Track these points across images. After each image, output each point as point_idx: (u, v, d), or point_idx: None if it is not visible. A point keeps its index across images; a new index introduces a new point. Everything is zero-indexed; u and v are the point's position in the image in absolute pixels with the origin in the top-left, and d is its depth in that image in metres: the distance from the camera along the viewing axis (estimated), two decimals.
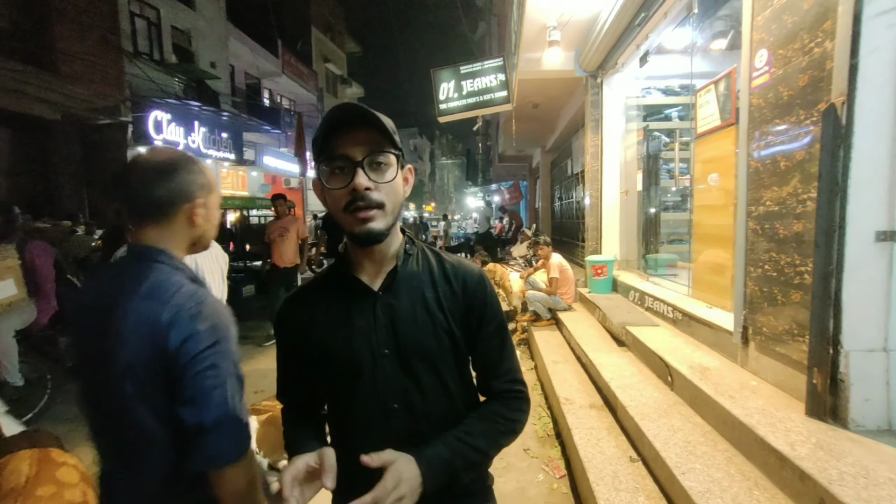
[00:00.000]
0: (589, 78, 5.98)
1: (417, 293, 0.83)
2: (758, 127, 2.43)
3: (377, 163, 0.76)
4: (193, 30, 11.71)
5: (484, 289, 0.87)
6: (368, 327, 0.81)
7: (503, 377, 0.87)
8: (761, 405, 2.10)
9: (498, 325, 0.88)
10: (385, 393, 0.80)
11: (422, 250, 0.89)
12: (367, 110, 0.74)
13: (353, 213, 0.75)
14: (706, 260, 3.61)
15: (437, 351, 0.82)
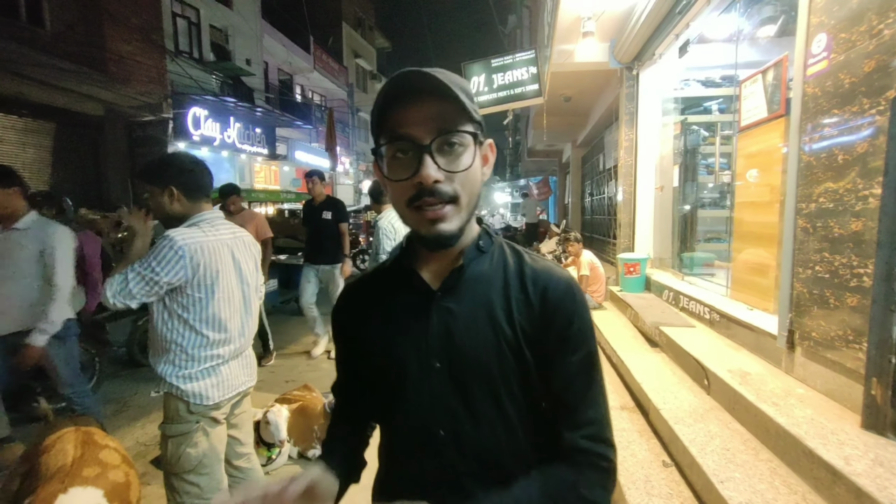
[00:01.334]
0: (624, 70, 5.78)
1: (483, 299, 0.67)
2: (812, 118, 2.27)
3: (450, 145, 0.61)
4: (230, 28, 12.07)
5: (572, 304, 0.67)
6: (420, 333, 0.67)
7: (583, 429, 0.64)
8: (810, 414, 1.98)
9: (586, 355, 0.67)
10: (430, 415, 0.67)
11: (500, 247, 0.73)
12: (437, 77, 0.59)
13: (420, 211, 0.62)
14: (747, 259, 3.44)
15: (498, 372, 0.65)
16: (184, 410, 1.53)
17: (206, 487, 1.60)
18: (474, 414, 0.66)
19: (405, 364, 0.68)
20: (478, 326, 0.66)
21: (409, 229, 0.68)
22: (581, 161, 12.25)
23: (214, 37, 11.64)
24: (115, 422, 3.11)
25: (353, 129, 20.62)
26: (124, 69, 7.99)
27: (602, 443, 0.65)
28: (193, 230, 1.56)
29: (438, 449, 0.66)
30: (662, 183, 5.50)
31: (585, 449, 0.63)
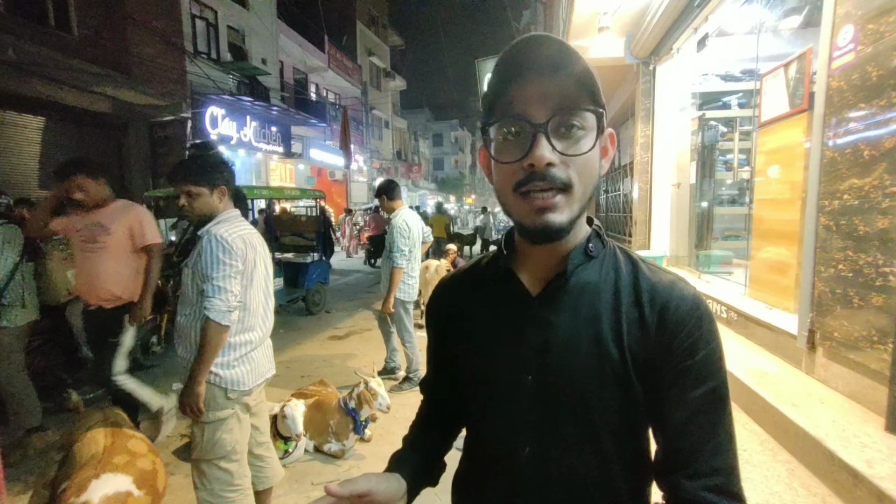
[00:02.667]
0: (640, 65, 5.70)
1: (588, 313, 0.58)
2: (837, 112, 2.21)
3: (569, 126, 0.53)
4: (247, 28, 12.24)
5: (697, 327, 0.55)
6: (514, 342, 0.61)
7: (705, 479, 0.53)
8: (831, 416, 1.94)
9: (712, 390, 0.55)
10: (515, 430, 0.61)
11: (613, 253, 0.63)
12: (557, 44, 0.52)
13: (527, 197, 0.54)
14: (766, 257, 3.37)
15: (596, 400, 0.57)
16: (221, 397, 1.64)
17: (236, 474, 1.70)
18: (564, 439, 0.58)
19: (495, 373, 0.62)
20: (579, 345, 0.57)
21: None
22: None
23: (231, 37, 11.83)
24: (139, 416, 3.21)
25: (367, 127, 20.75)
26: (146, 71, 8.19)
27: (730, 497, 0.53)
28: (231, 225, 1.70)
29: (518, 467, 0.60)
30: (679, 180, 5.41)
31: (710, 500, 0.52)
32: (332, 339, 5.14)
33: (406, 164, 27.88)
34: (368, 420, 2.72)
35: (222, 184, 1.71)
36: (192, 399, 1.58)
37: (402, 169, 26.15)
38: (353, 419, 2.59)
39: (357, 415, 2.60)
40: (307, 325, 5.80)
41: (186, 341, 1.67)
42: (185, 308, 1.67)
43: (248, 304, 1.70)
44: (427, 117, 39.65)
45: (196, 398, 1.57)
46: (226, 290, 1.57)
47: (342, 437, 2.61)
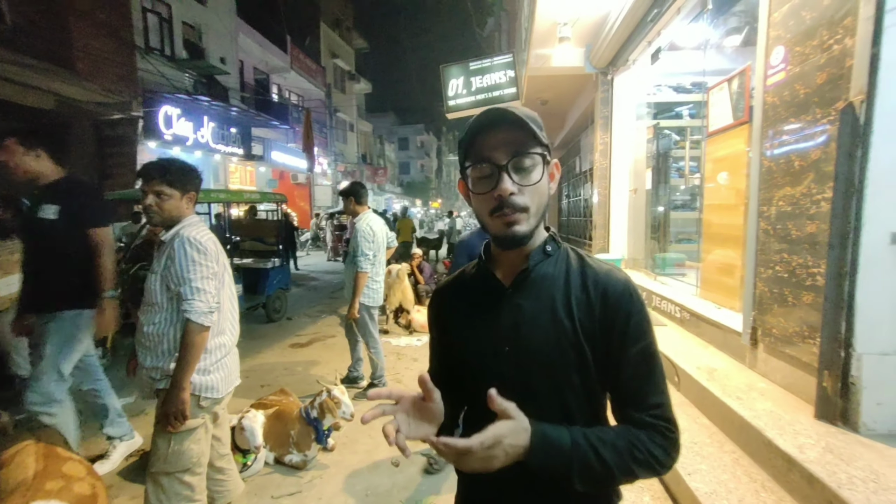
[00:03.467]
0: (599, 75, 5.93)
1: (547, 296, 0.78)
2: (772, 125, 2.39)
3: (523, 164, 0.75)
4: (204, 25, 11.77)
5: (629, 303, 0.75)
6: (493, 323, 0.80)
7: (649, 410, 0.73)
8: (769, 407, 2.08)
9: (644, 347, 0.75)
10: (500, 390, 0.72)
11: (566, 252, 0.83)
12: (512, 112, 0.74)
13: (499, 218, 0.75)
14: (715, 260, 3.57)
15: (558, 363, 0.75)
16: (193, 405, 1.60)
17: (197, 488, 1.64)
18: (536, 395, 0.76)
19: (482, 348, 0.80)
20: (541, 320, 0.76)
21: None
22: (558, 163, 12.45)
23: (187, 34, 11.33)
24: (79, 434, 2.99)
25: (330, 130, 20.38)
26: (91, 66, 7.68)
27: (666, 420, 0.73)
28: (199, 228, 1.67)
29: None
30: (636, 185, 5.65)
31: (652, 423, 0.72)
32: (293, 347, 5.00)
33: (372, 168, 27.61)
34: (332, 429, 2.66)
35: (193, 190, 1.71)
36: (178, 407, 1.53)
37: (367, 172, 25.86)
38: (315, 429, 2.53)
39: (319, 424, 2.54)
40: (268, 332, 5.62)
41: (156, 350, 1.61)
42: (154, 316, 1.62)
43: (221, 307, 1.70)
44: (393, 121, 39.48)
45: (182, 405, 1.53)
46: (205, 291, 1.58)
47: (304, 447, 2.54)
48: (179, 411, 1.53)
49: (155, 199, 1.62)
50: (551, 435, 0.68)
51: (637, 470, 0.70)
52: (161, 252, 1.66)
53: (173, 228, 1.66)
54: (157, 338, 1.61)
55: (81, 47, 7.51)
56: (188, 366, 1.54)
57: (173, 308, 1.61)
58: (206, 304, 1.56)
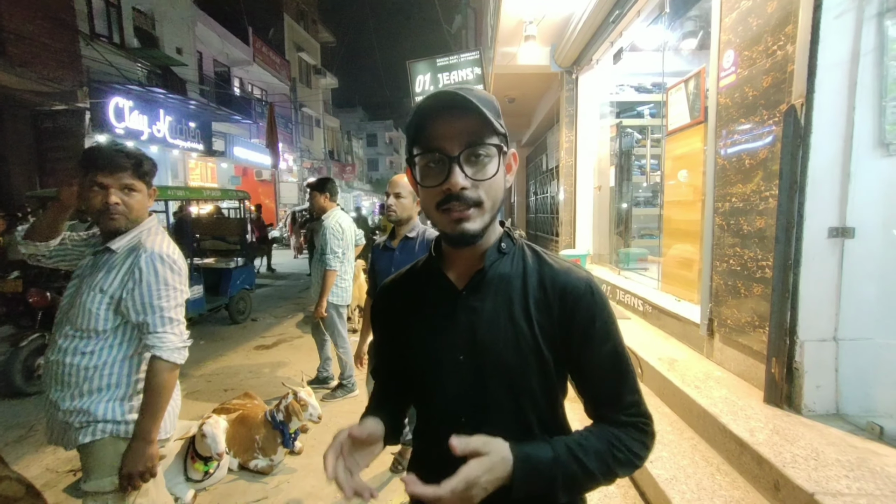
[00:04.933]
0: (564, 73, 6.04)
1: (504, 297, 0.72)
2: (725, 125, 2.51)
3: (477, 156, 0.68)
4: (157, 13, 11.16)
5: (591, 303, 0.71)
6: (447, 329, 0.74)
7: (624, 411, 0.71)
8: (724, 394, 2.20)
9: (612, 348, 0.71)
10: (455, 403, 0.73)
11: (521, 249, 0.77)
12: (465, 97, 0.65)
13: (447, 213, 0.68)
14: (675, 254, 3.72)
15: (516, 369, 0.70)
16: None
17: None
18: (492, 404, 0.71)
19: (436, 357, 0.74)
20: (498, 324, 0.71)
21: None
22: (525, 161, 12.64)
23: (139, 21, 10.70)
24: (19, 449, 2.79)
25: (296, 125, 19.84)
26: (26, 51, 7.12)
27: (644, 416, 0.72)
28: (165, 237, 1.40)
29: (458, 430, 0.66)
30: (600, 183, 5.81)
31: (630, 421, 0.71)
32: (259, 349, 4.85)
33: (339, 165, 27.10)
34: (298, 432, 2.60)
35: (153, 184, 1.42)
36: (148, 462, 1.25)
37: (335, 169, 25.36)
38: (280, 432, 2.47)
39: (285, 428, 2.47)
40: (231, 334, 5.42)
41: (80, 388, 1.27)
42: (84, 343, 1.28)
43: None
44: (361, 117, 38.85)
45: (152, 460, 1.26)
46: (179, 322, 1.32)
47: (270, 452, 2.47)
48: (148, 470, 1.26)
49: (121, 195, 1.30)
50: (534, 456, 0.64)
51: (619, 470, 0.68)
52: (110, 265, 1.32)
53: (130, 234, 1.34)
54: (86, 372, 1.27)
55: (13, 30, 6.94)
56: (158, 413, 1.27)
57: (121, 337, 1.31)
58: (179, 338, 1.32)
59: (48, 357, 1.32)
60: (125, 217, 1.32)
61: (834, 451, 1.66)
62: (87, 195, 1.30)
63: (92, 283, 1.30)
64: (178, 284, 1.34)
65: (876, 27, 1.85)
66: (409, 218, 2.14)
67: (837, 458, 1.62)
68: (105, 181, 1.28)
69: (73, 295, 1.34)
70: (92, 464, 1.29)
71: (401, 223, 2.14)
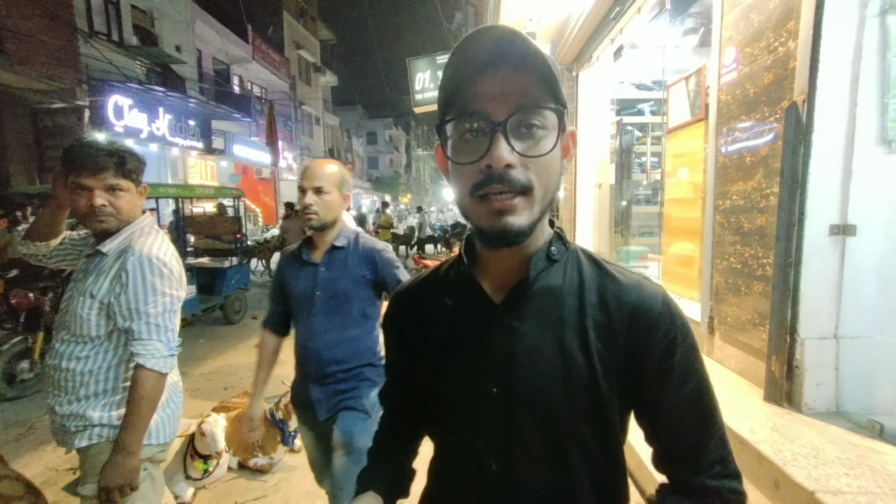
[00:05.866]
0: (565, 71, 6.02)
1: (553, 319, 0.57)
2: (725, 123, 2.49)
3: (529, 125, 0.51)
4: (156, 10, 11.13)
5: (670, 327, 0.55)
6: (477, 352, 0.58)
7: (709, 471, 0.55)
8: (725, 392, 2.19)
9: (696, 387, 0.56)
10: (482, 444, 0.58)
11: (576, 255, 0.61)
12: (518, 37, 0.49)
13: (485, 200, 0.51)
14: (675, 252, 3.72)
15: (565, 411, 0.55)
16: None
17: None
18: (530, 452, 0.57)
19: (459, 385, 0.59)
20: (544, 353, 0.56)
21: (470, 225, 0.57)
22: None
23: (137, 19, 10.66)
24: (18, 448, 2.79)
25: (295, 123, 19.82)
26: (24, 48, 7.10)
27: (734, 478, 0.56)
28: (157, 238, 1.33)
29: (488, 484, 0.58)
30: (601, 180, 5.80)
31: (716, 489, 0.55)
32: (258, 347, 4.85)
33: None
34: (298, 430, 2.60)
35: (142, 182, 1.35)
36: (128, 476, 1.18)
37: None
38: (280, 430, 2.47)
39: (285, 426, 2.47)
40: (230, 333, 5.42)
41: (76, 393, 1.25)
42: (79, 348, 1.25)
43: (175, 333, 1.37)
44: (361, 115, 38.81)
45: (133, 474, 1.19)
46: (166, 329, 1.25)
47: (269, 450, 2.47)
48: (128, 483, 1.19)
49: (108, 197, 1.24)
50: None
51: None
52: (100, 268, 1.27)
53: (122, 235, 1.28)
54: (81, 377, 1.25)
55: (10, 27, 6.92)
56: (140, 424, 1.19)
57: (116, 342, 1.28)
58: (165, 346, 1.24)
59: (48, 362, 1.30)
60: (114, 218, 1.26)
61: (834, 449, 1.66)
62: (72, 197, 1.25)
63: (82, 289, 1.26)
64: (167, 289, 1.27)
65: (879, 24, 1.83)
66: (334, 220, 1.51)
67: (838, 456, 1.62)
68: (87, 182, 1.21)
69: (68, 300, 1.30)
70: (87, 468, 1.26)
71: (325, 228, 1.49)
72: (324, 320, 1.47)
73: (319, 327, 1.47)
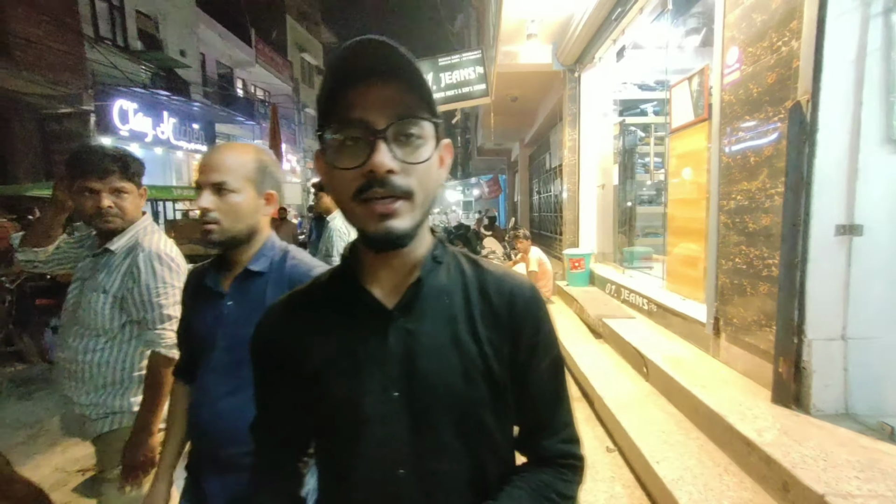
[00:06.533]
0: (567, 72, 6.02)
1: (446, 316, 0.60)
2: (729, 123, 2.48)
3: (407, 134, 0.54)
4: (160, 15, 11.21)
5: (538, 309, 0.63)
6: (375, 359, 0.58)
7: (559, 434, 0.64)
8: (731, 394, 2.18)
9: (553, 360, 0.64)
10: (388, 452, 0.58)
11: (454, 257, 0.65)
12: (397, 50, 0.51)
13: (368, 204, 0.53)
14: (680, 253, 3.70)
15: (465, 400, 0.58)
16: None
17: None
18: (439, 449, 0.58)
19: (358, 395, 0.58)
20: (442, 349, 0.58)
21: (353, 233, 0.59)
22: (529, 160, 12.62)
23: (142, 24, 10.75)
24: (27, 449, 2.81)
25: (299, 126, 19.89)
26: (32, 54, 7.18)
27: (575, 444, 0.65)
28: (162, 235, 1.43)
29: (398, 491, 0.58)
30: (604, 181, 5.79)
31: (564, 452, 0.64)
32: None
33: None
34: None
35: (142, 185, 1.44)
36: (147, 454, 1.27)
37: None
38: None
39: None
40: None
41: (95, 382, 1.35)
42: (93, 342, 1.35)
43: None
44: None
45: (152, 453, 1.27)
46: (176, 319, 1.32)
47: None
48: (149, 460, 1.27)
49: (114, 199, 1.33)
50: None
51: None
52: (110, 265, 1.36)
53: (127, 234, 1.38)
54: (99, 368, 1.35)
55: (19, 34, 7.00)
56: (158, 406, 1.28)
57: (129, 334, 1.38)
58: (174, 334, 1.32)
59: (59, 356, 1.40)
60: (119, 218, 1.36)
61: (844, 452, 1.64)
62: (79, 200, 1.33)
63: (94, 285, 1.35)
64: (175, 282, 1.36)
65: (883, 22, 1.82)
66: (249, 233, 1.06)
67: (847, 458, 1.60)
68: (95, 186, 1.31)
69: (77, 296, 1.39)
70: (109, 454, 1.36)
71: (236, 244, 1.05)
72: (219, 379, 1.02)
73: (213, 389, 1.02)
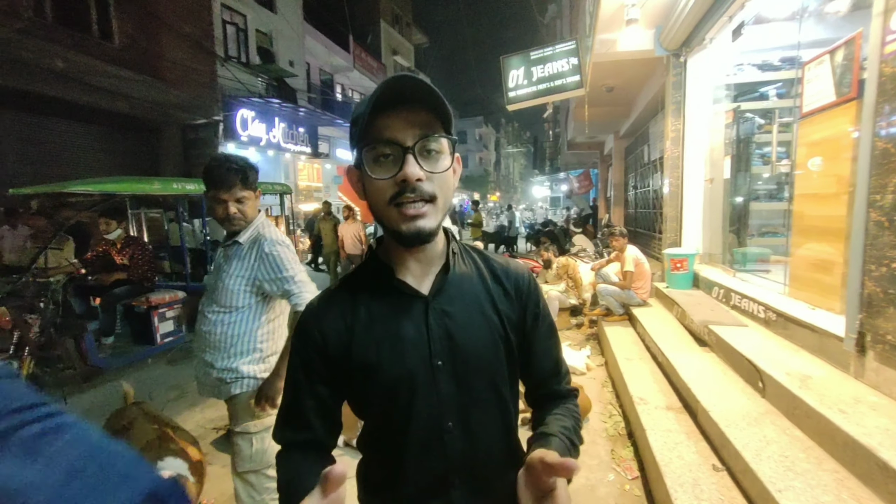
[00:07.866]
0: (671, 57, 5.51)
1: (470, 297, 0.75)
2: (890, 100, 2.08)
3: (429, 150, 0.67)
4: (274, 31, 12.54)
5: (536, 287, 0.83)
6: (421, 337, 0.71)
7: (563, 379, 0.83)
8: (885, 424, 1.83)
9: (550, 323, 0.83)
10: (441, 411, 0.71)
11: (464, 250, 0.82)
12: (421, 83, 0.64)
13: (401, 208, 0.66)
14: (809, 255, 3.21)
15: (493, 361, 0.74)
16: None
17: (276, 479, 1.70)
18: (477, 402, 0.73)
19: (415, 370, 0.71)
20: (473, 324, 0.74)
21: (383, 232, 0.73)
22: (624, 153, 11.82)
23: (260, 40, 12.14)
24: (175, 407, 3.36)
25: None
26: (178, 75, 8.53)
27: (570, 380, 0.86)
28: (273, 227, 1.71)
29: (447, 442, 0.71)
30: (712, 175, 5.21)
31: (570, 390, 0.84)
32: None
33: None
34: None
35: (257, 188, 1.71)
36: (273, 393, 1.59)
37: None
38: None
39: None
40: None
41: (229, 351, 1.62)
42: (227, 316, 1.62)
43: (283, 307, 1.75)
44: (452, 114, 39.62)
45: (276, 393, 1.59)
46: (308, 282, 1.64)
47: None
48: (272, 397, 1.57)
49: (238, 206, 1.61)
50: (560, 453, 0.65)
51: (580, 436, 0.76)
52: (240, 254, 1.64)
53: (250, 229, 1.67)
54: (233, 339, 1.61)
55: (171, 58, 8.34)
56: None
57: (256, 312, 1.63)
58: (312, 293, 1.57)
59: (199, 328, 1.68)
60: (243, 220, 1.65)
61: None
62: (212, 206, 1.63)
63: (230, 271, 1.63)
64: (294, 257, 1.66)
65: None
66: None
67: None
68: (223, 196, 1.59)
69: (214, 280, 1.69)
70: (240, 410, 1.63)
71: None
72: None
73: None
